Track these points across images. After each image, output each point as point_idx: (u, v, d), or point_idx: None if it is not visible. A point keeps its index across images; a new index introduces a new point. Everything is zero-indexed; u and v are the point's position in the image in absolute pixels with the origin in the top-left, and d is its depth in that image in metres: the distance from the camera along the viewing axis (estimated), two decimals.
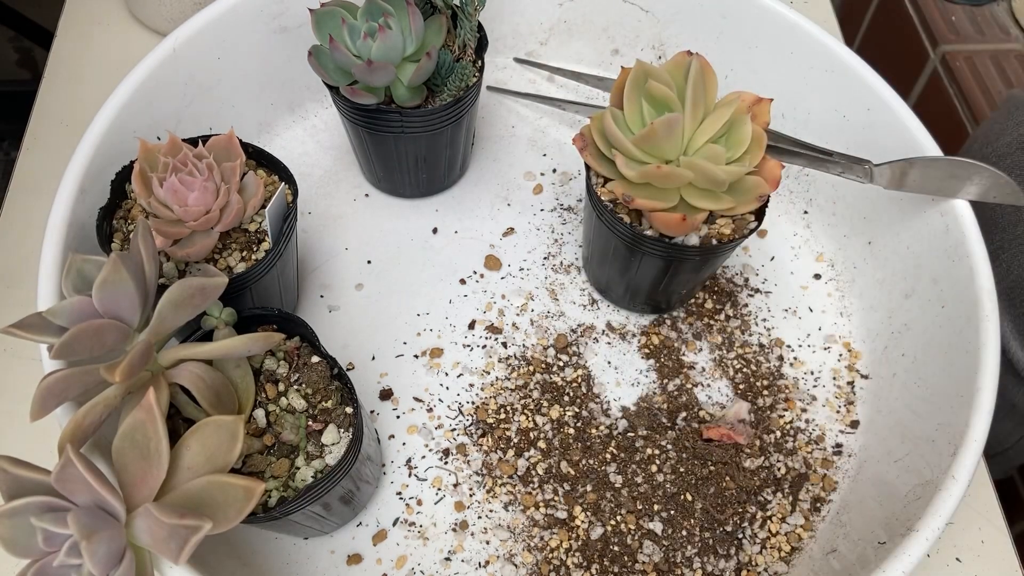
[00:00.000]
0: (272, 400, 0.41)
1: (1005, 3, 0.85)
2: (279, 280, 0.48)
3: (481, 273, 0.57)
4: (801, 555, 0.47)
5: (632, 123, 0.46)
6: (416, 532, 0.47)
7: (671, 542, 0.47)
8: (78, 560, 0.30)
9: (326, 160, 0.62)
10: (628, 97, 0.45)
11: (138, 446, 0.33)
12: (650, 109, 0.45)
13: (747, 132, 0.44)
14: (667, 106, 0.44)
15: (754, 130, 0.44)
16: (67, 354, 0.32)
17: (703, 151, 0.44)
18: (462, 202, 0.60)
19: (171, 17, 0.67)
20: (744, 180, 0.44)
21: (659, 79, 0.44)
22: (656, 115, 0.44)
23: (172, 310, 0.36)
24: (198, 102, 0.55)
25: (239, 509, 0.32)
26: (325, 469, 0.39)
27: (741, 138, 0.45)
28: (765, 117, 0.45)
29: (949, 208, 0.48)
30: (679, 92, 0.44)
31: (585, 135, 0.47)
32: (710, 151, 0.43)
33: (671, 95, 0.44)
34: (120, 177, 0.47)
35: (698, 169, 0.43)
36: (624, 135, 0.44)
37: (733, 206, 0.44)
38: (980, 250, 0.47)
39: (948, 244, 0.48)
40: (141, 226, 0.37)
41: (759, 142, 0.44)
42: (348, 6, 0.49)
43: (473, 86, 0.52)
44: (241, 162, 0.45)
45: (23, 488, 0.32)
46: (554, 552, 0.46)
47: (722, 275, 0.57)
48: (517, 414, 0.51)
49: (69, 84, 0.66)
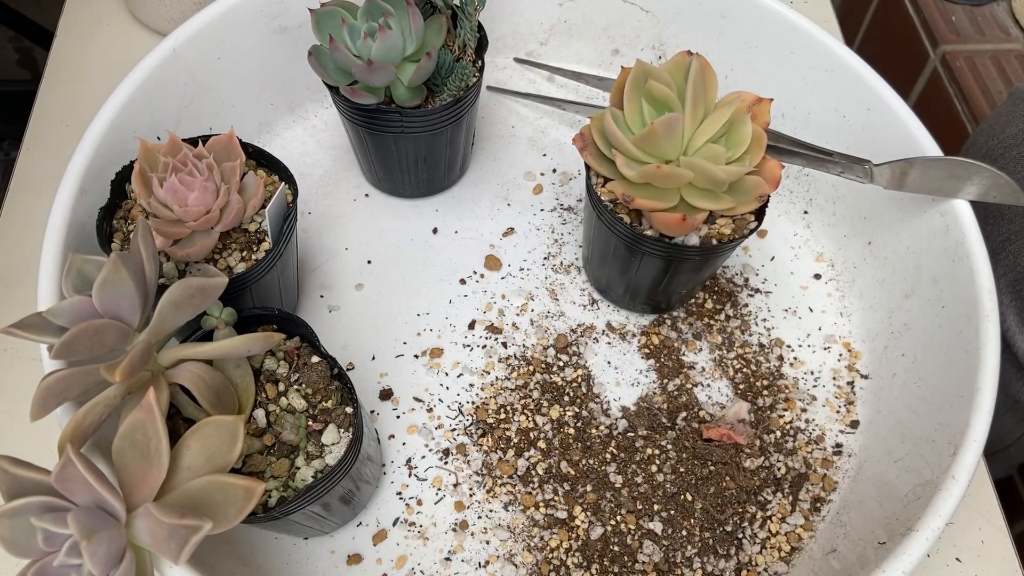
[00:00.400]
0: (272, 400, 0.41)
1: (1005, 3, 0.85)
2: (279, 280, 0.48)
3: (481, 273, 0.57)
4: (801, 555, 0.47)
5: (632, 123, 0.45)
6: (416, 532, 0.47)
7: (671, 542, 0.47)
8: (78, 560, 0.30)
9: (326, 160, 0.62)
10: (628, 97, 0.45)
11: (138, 446, 0.33)
12: (650, 109, 0.45)
13: (747, 132, 0.44)
14: (667, 106, 0.44)
15: (754, 130, 0.44)
16: (67, 354, 0.32)
17: (703, 151, 0.44)
18: (462, 202, 0.60)
19: (171, 17, 0.67)
20: (744, 180, 0.44)
21: (659, 79, 0.44)
22: (656, 115, 0.44)
23: (172, 310, 0.36)
24: (198, 102, 0.55)
25: (239, 509, 0.32)
26: (325, 469, 0.39)
27: (741, 138, 0.44)
28: (765, 117, 0.45)
29: (949, 208, 0.48)
30: (679, 92, 0.44)
31: (585, 135, 0.47)
32: (710, 151, 0.43)
33: (671, 95, 0.44)
34: (120, 177, 0.47)
35: (698, 169, 0.43)
36: (624, 135, 0.44)
37: (733, 206, 0.44)
38: (980, 250, 0.47)
39: (948, 244, 0.48)
40: (141, 226, 0.37)
41: (759, 142, 0.44)
42: (348, 6, 0.49)
43: (473, 86, 0.52)
44: (241, 162, 0.45)
45: (23, 488, 0.32)
46: (554, 552, 0.46)
47: (722, 275, 0.57)
48: (517, 414, 0.51)
49: (69, 84, 0.67)
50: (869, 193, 0.55)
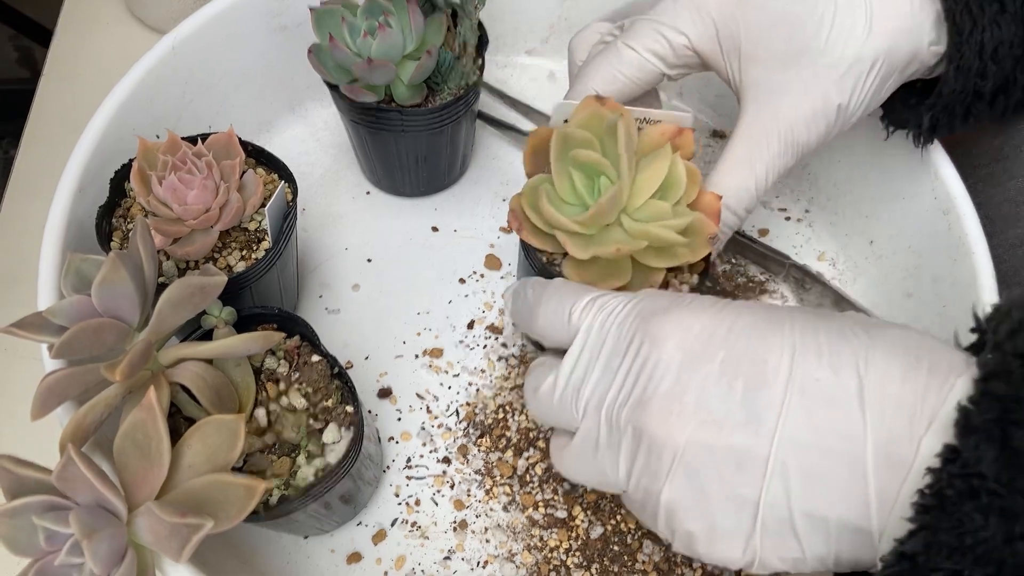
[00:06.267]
0: (273, 399, 0.41)
1: None
2: (279, 279, 0.48)
3: (481, 272, 0.57)
4: None
5: (565, 195, 0.42)
6: (416, 532, 0.47)
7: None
8: (79, 559, 0.30)
9: (326, 159, 0.62)
10: (556, 169, 0.42)
11: (139, 445, 0.32)
12: (580, 176, 0.41)
13: (680, 172, 0.41)
14: (597, 170, 0.41)
15: (686, 167, 0.41)
16: (67, 353, 0.32)
17: (645, 212, 0.41)
18: (462, 201, 0.60)
19: (171, 15, 0.67)
20: (690, 225, 0.41)
21: (583, 144, 0.41)
22: (587, 182, 0.41)
23: (172, 309, 0.36)
24: (198, 100, 0.55)
25: (240, 508, 0.32)
26: (326, 468, 0.39)
27: (676, 181, 0.41)
28: (689, 148, 0.42)
29: (951, 207, 0.48)
30: (603, 150, 0.41)
31: (517, 212, 0.43)
32: (654, 210, 0.41)
33: (600, 160, 0.41)
34: (119, 175, 0.47)
35: (653, 237, 0.40)
36: (562, 212, 0.41)
37: (689, 257, 0.41)
38: (982, 249, 0.47)
39: (950, 243, 0.48)
40: (140, 225, 0.36)
41: (694, 178, 0.41)
42: (348, 4, 0.49)
43: (473, 85, 0.52)
44: (241, 160, 0.45)
45: (24, 487, 0.32)
46: (554, 552, 0.46)
47: (723, 274, 0.57)
48: (517, 414, 0.51)
49: (68, 82, 0.66)
50: (871, 192, 0.55)
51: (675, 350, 0.32)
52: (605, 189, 0.41)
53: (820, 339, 0.31)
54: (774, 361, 0.30)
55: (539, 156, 0.43)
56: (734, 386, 0.31)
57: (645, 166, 0.41)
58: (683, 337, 0.32)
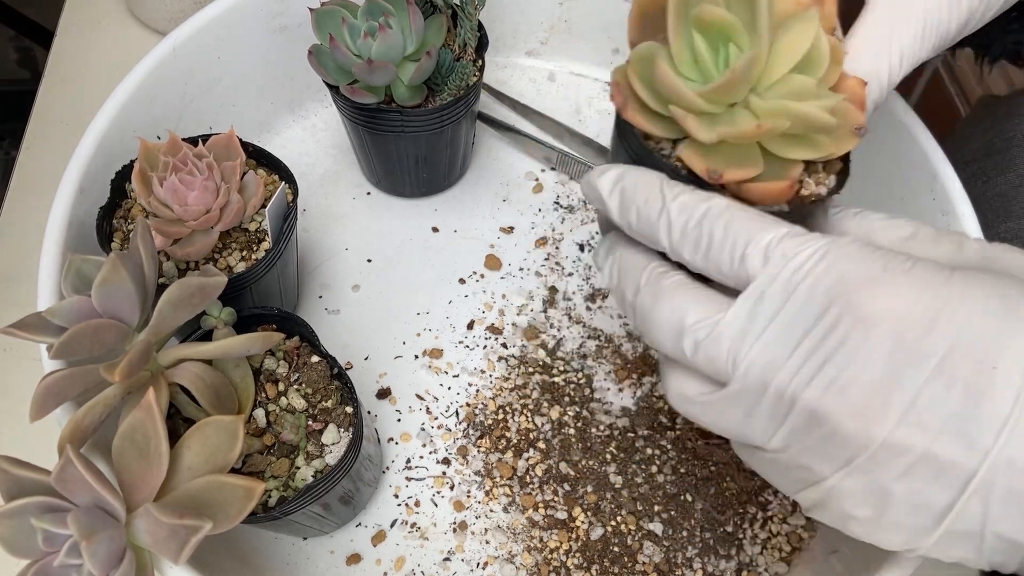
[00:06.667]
0: (272, 400, 0.41)
1: None
2: (279, 279, 0.48)
3: (481, 273, 0.57)
4: (802, 555, 0.47)
5: (682, 65, 0.34)
6: (415, 533, 0.47)
7: (671, 543, 0.47)
8: (78, 560, 0.30)
9: (326, 159, 0.62)
10: (674, 30, 0.33)
11: (138, 446, 0.32)
12: (703, 42, 0.33)
13: (823, 47, 0.33)
14: (726, 34, 0.33)
15: (830, 42, 0.33)
16: (66, 354, 0.32)
17: (783, 87, 0.33)
18: (462, 201, 0.60)
19: (171, 16, 0.67)
20: (834, 110, 0.33)
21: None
22: (710, 50, 0.33)
23: (171, 310, 0.36)
24: (198, 101, 0.55)
25: (239, 509, 0.32)
26: (325, 469, 0.39)
27: (819, 57, 0.33)
28: (831, 18, 0.34)
29: (950, 208, 0.48)
30: (734, 8, 0.32)
31: (621, 85, 0.34)
32: (797, 86, 0.32)
33: (730, 19, 0.32)
34: (120, 176, 0.47)
35: (800, 116, 0.32)
36: (684, 84, 0.32)
37: (832, 149, 0.34)
38: None
39: None
40: (140, 225, 0.36)
41: (837, 57, 0.33)
42: (348, 5, 0.49)
43: (473, 85, 0.52)
44: (241, 161, 0.45)
45: (23, 488, 0.32)
46: (554, 553, 0.46)
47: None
48: (517, 414, 0.51)
49: (69, 84, 0.66)
50: (869, 189, 0.55)
51: (886, 336, 0.27)
52: (735, 59, 0.32)
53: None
54: (1005, 368, 0.26)
55: (648, 21, 0.35)
56: (952, 390, 0.26)
57: (782, 34, 0.33)
58: (898, 321, 0.27)
